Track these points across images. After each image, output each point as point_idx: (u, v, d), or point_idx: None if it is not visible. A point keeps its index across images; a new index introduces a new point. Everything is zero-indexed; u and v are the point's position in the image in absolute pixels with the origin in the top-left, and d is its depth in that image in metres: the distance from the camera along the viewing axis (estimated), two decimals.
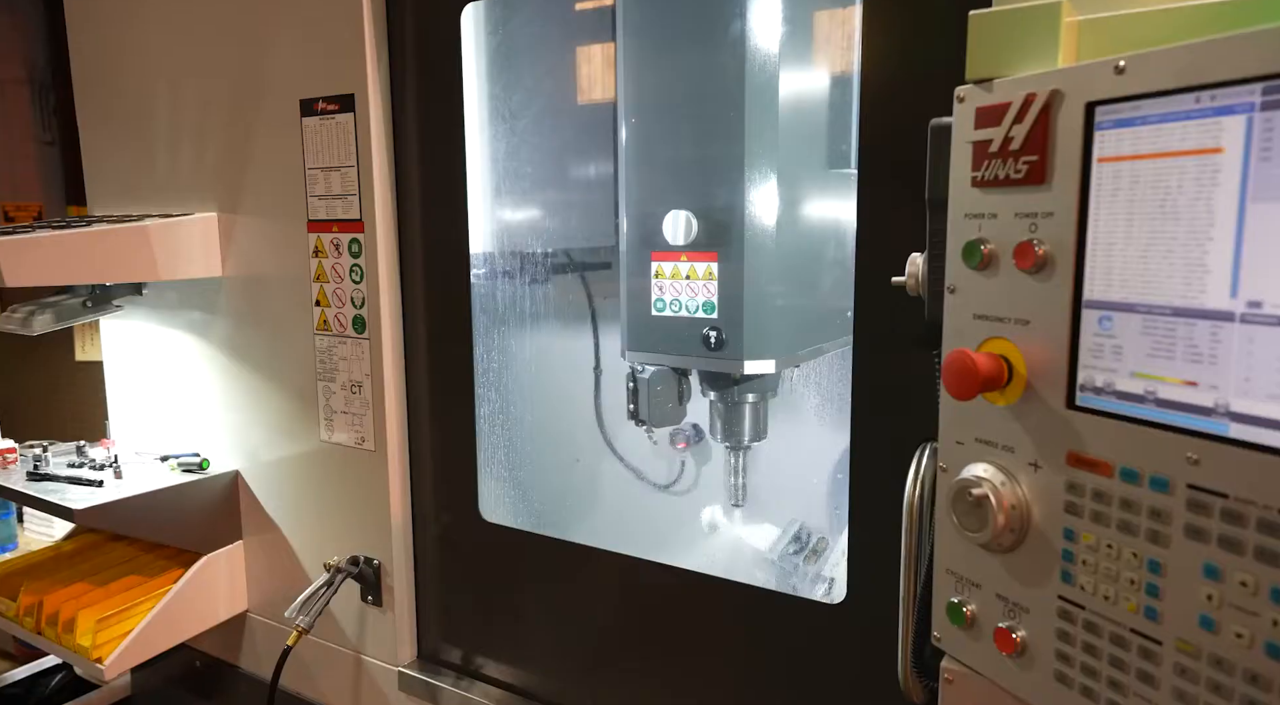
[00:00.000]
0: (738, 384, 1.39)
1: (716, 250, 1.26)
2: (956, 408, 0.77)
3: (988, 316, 0.73)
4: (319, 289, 1.50)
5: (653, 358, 1.36)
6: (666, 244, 1.28)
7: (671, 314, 1.31)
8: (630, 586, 1.35)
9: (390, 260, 1.45)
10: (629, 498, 1.86)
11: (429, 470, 1.53)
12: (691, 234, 1.26)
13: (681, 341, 1.31)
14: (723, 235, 1.25)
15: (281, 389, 1.60)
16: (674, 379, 1.45)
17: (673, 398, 1.47)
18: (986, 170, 0.72)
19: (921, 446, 1.05)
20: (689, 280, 1.29)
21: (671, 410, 1.48)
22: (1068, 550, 0.68)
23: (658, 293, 1.32)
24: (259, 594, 1.73)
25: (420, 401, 1.51)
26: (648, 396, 1.44)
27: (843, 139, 1.39)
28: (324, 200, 1.46)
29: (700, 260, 1.28)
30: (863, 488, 1.10)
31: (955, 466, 0.77)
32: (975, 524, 0.73)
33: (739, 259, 1.24)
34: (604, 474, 1.89)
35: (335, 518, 1.58)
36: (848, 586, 1.13)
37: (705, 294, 1.28)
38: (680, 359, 1.33)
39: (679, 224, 1.27)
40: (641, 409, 1.45)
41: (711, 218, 1.26)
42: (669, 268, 1.31)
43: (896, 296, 1.03)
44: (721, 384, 1.40)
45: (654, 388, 1.44)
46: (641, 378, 1.44)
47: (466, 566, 1.52)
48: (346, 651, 1.62)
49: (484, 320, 1.67)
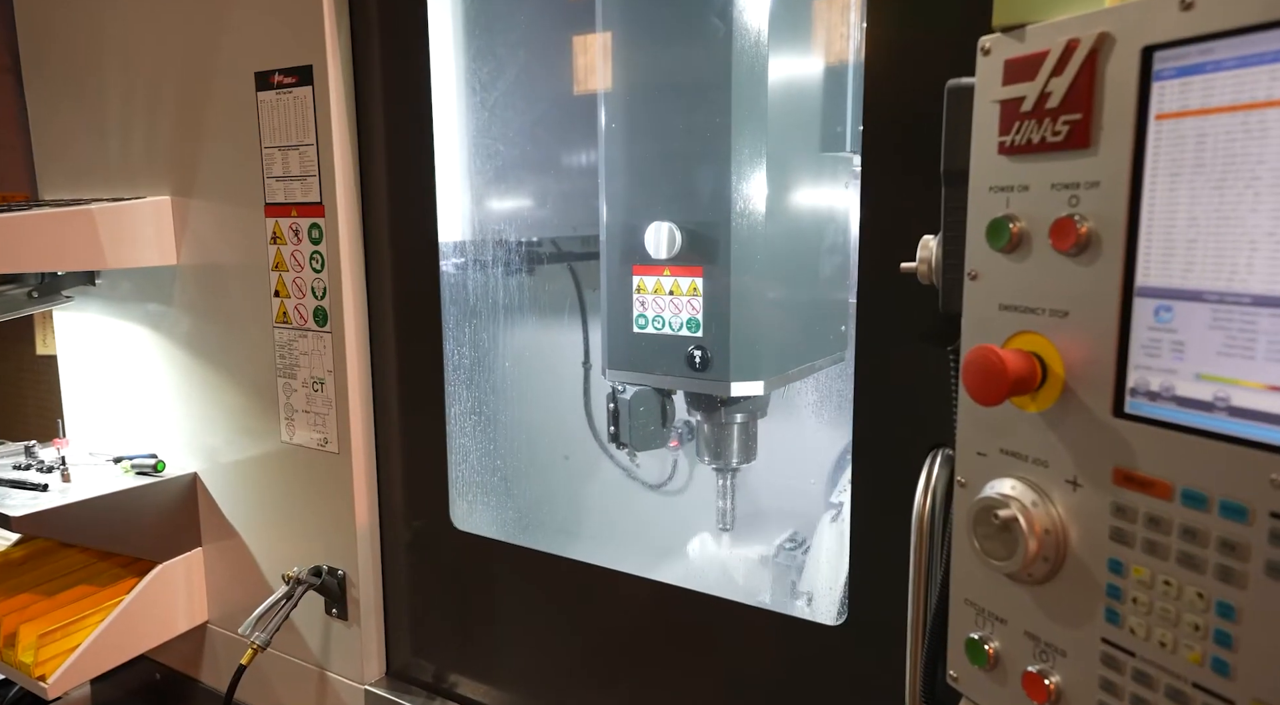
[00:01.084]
0: (724, 405, 1.29)
1: (701, 265, 1.15)
2: (978, 414, 0.66)
3: (1017, 307, 0.62)
4: (278, 278, 1.39)
5: (634, 377, 1.25)
6: (649, 257, 1.17)
7: (654, 331, 1.21)
8: (613, 601, 1.24)
9: (354, 247, 1.33)
10: (619, 498, 1.77)
11: (398, 475, 1.42)
12: (675, 247, 1.16)
13: (664, 361, 1.21)
14: (708, 248, 1.15)
15: (240, 386, 1.49)
16: (657, 400, 1.35)
17: (655, 420, 1.37)
18: (1018, 134, 0.61)
19: (932, 453, 0.95)
20: (672, 296, 1.19)
21: (654, 433, 1.37)
22: (1114, 585, 0.57)
23: (639, 308, 1.22)
24: (220, 605, 1.62)
25: (388, 400, 1.40)
26: (629, 418, 1.34)
27: (837, 120, 1.28)
28: (282, 182, 1.35)
29: (684, 275, 1.17)
30: (865, 498, 1.00)
31: (976, 482, 0.66)
32: (1001, 550, 0.62)
33: (725, 274, 1.15)
34: (593, 473, 1.80)
35: (298, 525, 1.47)
36: (849, 606, 1.02)
37: (689, 311, 1.18)
38: (663, 379, 1.23)
39: (661, 236, 1.16)
40: (623, 431, 1.35)
41: (696, 230, 1.15)
42: (651, 282, 1.20)
43: (905, 285, 0.92)
44: (707, 405, 1.30)
45: (636, 409, 1.34)
46: (623, 398, 1.33)
47: (439, 578, 1.42)
48: (310, 667, 1.51)
49: (460, 313, 1.57)
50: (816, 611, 1.31)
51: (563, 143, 1.71)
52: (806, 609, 1.36)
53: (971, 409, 0.66)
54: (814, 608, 1.36)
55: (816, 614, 1.31)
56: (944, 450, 0.92)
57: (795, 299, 1.23)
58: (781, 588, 1.54)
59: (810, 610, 1.38)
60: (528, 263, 1.80)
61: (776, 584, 1.54)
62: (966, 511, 0.65)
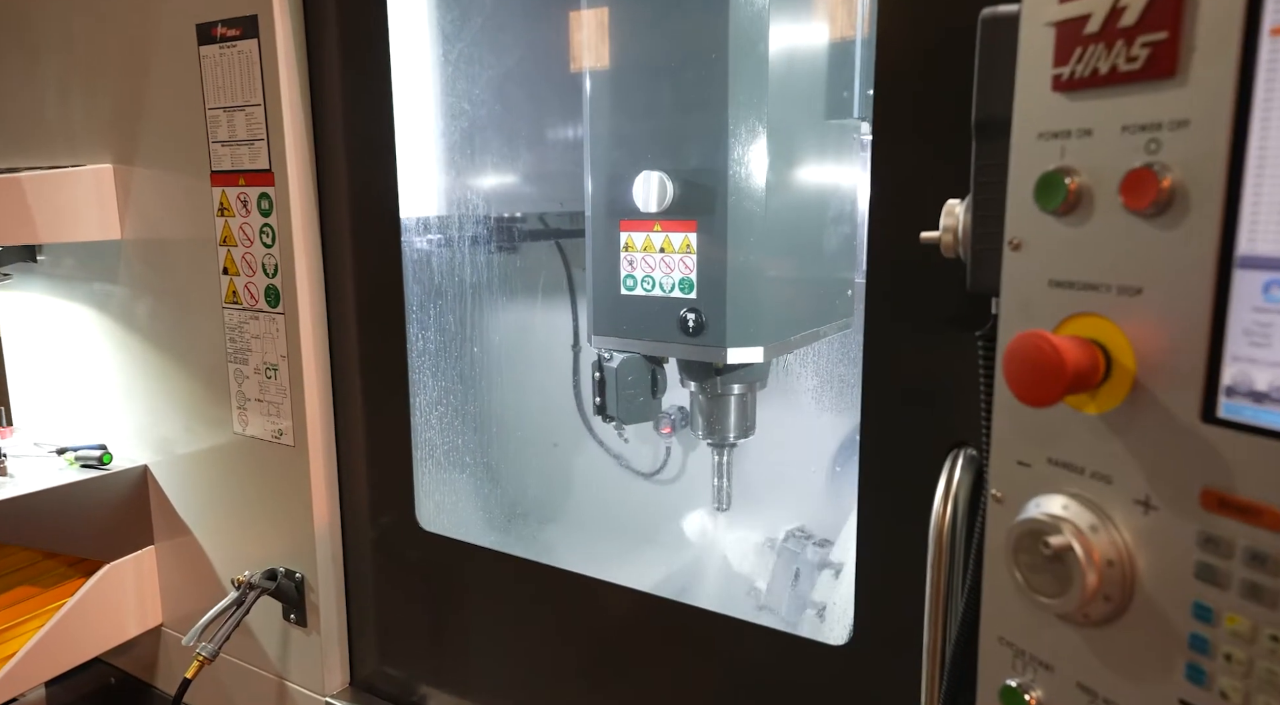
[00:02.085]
0: (720, 374, 1.17)
1: (695, 218, 1.03)
2: (1020, 415, 0.54)
3: (1073, 283, 0.50)
4: (226, 254, 1.26)
5: (622, 344, 1.13)
6: (637, 211, 1.04)
7: (643, 293, 1.09)
8: (595, 613, 1.12)
9: (307, 219, 1.21)
10: (609, 487, 1.68)
11: (361, 471, 1.30)
12: (666, 199, 1.03)
13: (654, 325, 1.09)
14: (702, 200, 1.03)
15: (190, 372, 1.37)
16: (646, 369, 1.23)
17: (645, 390, 1.25)
18: (1079, 63, 0.48)
19: (952, 454, 0.83)
20: (663, 254, 1.06)
21: (643, 405, 1.26)
22: (1200, 636, 0.45)
23: (627, 268, 1.09)
24: (175, 606, 1.51)
25: (349, 389, 1.28)
26: (616, 389, 1.22)
27: (844, 84, 1.16)
28: (228, 147, 1.22)
29: (676, 230, 1.05)
30: (874, 504, 0.88)
31: (1016, 497, 0.54)
32: (1051, 585, 0.50)
33: (721, 228, 1.02)
34: (583, 461, 1.72)
35: (253, 524, 1.35)
36: (854, 624, 0.90)
37: (682, 269, 1.06)
38: (653, 346, 1.10)
39: (651, 187, 1.03)
40: (609, 403, 1.23)
41: (689, 179, 1.03)
42: (640, 239, 1.08)
43: (923, 259, 0.80)
44: (702, 374, 1.18)
45: (623, 379, 1.22)
46: (609, 367, 1.21)
47: (406, 582, 1.30)
48: (268, 676, 1.40)
49: (432, 294, 1.45)
50: (828, 628, 1.20)
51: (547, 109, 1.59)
52: (813, 617, 1.25)
53: (1011, 408, 0.54)
54: (826, 621, 1.25)
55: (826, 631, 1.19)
56: (966, 450, 0.80)
57: (799, 257, 1.11)
58: (783, 578, 1.44)
59: (820, 619, 1.27)
60: (511, 240, 1.69)
61: (779, 572, 1.44)
62: (1005, 534, 0.53)
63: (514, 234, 1.70)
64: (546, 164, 1.68)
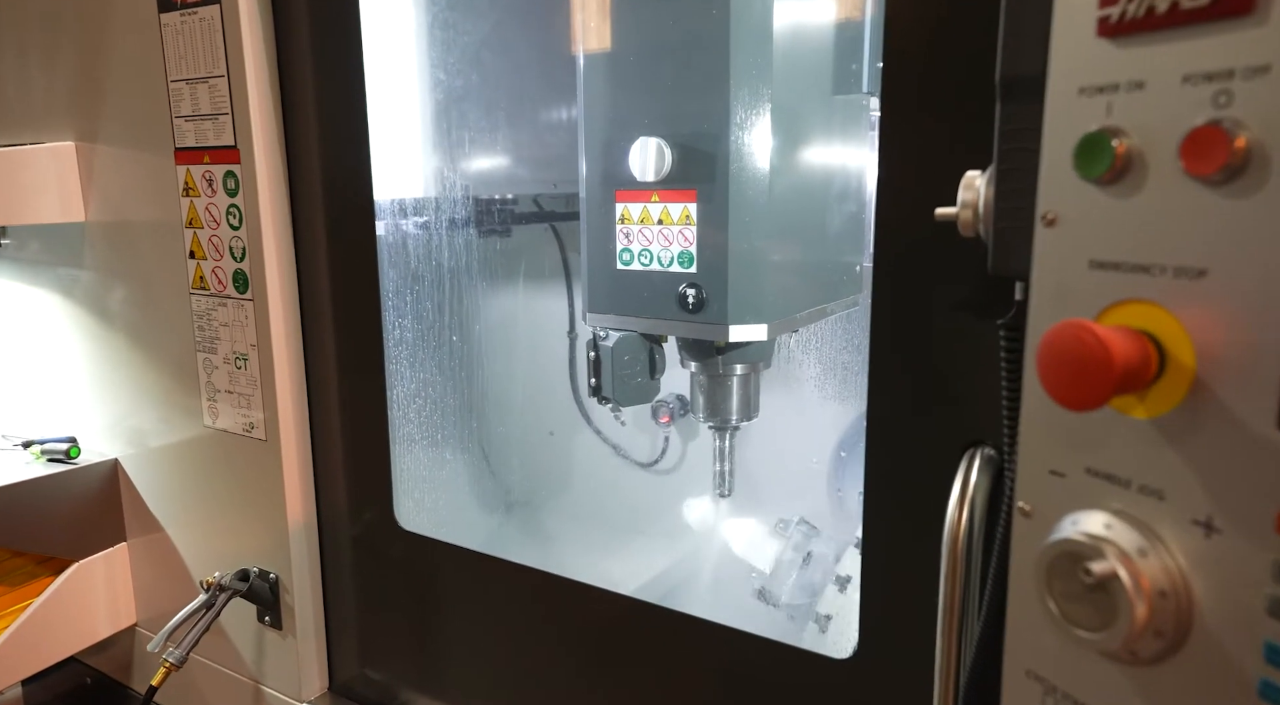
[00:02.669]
0: (722, 353, 1.10)
1: (695, 187, 0.97)
2: (1053, 417, 0.47)
3: (1119, 264, 0.43)
4: (192, 237, 1.19)
5: (618, 322, 1.06)
6: (634, 180, 0.97)
7: (640, 268, 1.02)
8: (583, 617, 1.06)
9: (276, 199, 1.13)
10: (607, 477, 1.63)
11: (338, 467, 1.23)
12: (664, 167, 0.96)
13: (653, 302, 1.02)
14: (703, 168, 0.96)
15: (159, 362, 1.30)
16: (644, 348, 1.16)
17: (643, 370, 1.18)
18: (1131, 1, 0.41)
19: (969, 453, 0.76)
20: (661, 225, 1.00)
21: (641, 386, 1.19)
22: (1273, 684, 0.38)
23: (624, 241, 1.03)
24: (149, 606, 1.45)
25: (324, 380, 1.21)
26: (612, 369, 1.15)
27: (853, 56, 1.08)
28: (192, 122, 1.14)
29: (675, 200, 0.98)
30: (882, 507, 0.81)
31: (1049, 511, 0.47)
32: (1092, 617, 0.43)
33: (723, 198, 0.95)
34: (580, 451, 1.67)
35: (226, 522, 1.28)
36: (859, 637, 0.84)
37: (681, 242, 0.99)
38: (651, 323, 1.04)
39: (648, 154, 0.96)
40: (605, 384, 1.16)
41: (688, 146, 0.95)
42: (637, 210, 1.01)
43: (937, 239, 0.73)
44: (703, 353, 1.12)
45: (620, 358, 1.15)
46: (604, 346, 1.14)
47: (387, 583, 1.23)
48: (243, 680, 1.33)
49: (415, 280, 1.39)
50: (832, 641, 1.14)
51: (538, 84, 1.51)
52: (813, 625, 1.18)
53: (1043, 410, 0.47)
54: (829, 633, 1.19)
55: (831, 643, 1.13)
56: (984, 450, 0.73)
57: (806, 230, 1.04)
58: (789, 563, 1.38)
59: (822, 630, 1.21)
60: (503, 223, 1.63)
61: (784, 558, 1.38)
62: (1037, 556, 0.46)
63: (506, 216, 1.64)
64: (539, 143, 1.61)
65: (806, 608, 1.29)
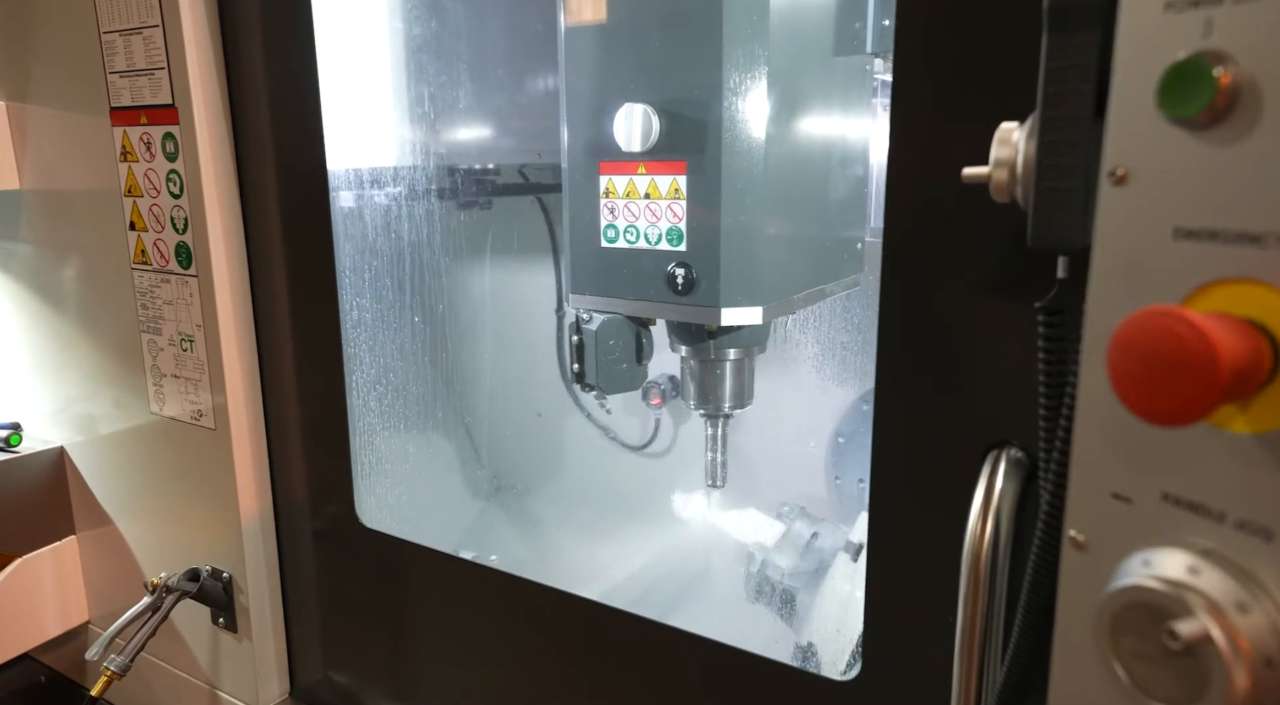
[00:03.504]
0: (714, 337, 1.01)
1: (685, 158, 0.87)
2: (1120, 426, 0.37)
3: (1218, 233, 0.33)
4: (132, 206, 1.08)
5: (602, 303, 0.98)
6: (619, 150, 0.87)
7: (626, 245, 0.93)
8: (559, 625, 0.97)
9: (219, 164, 1.02)
10: (596, 460, 1.56)
11: (297, 458, 1.13)
12: (651, 135, 0.87)
13: (639, 282, 0.93)
14: (693, 137, 0.86)
15: (102, 343, 1.20)
16: (630, 331, 1.07)
17: (629, 356, 1.09)
18: None
19: (992, 455, 0.66)
20: (649, 200, 0.90)
21: (627, 372, 1.09)
22: None
23: (608, 217, 0.93)
24: (102, 602, 1.36)
25: (279, 364, 1.11)
26: (596, 354, 1.05)
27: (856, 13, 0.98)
28: (127, 78, 1.03)
29: (663, 172, 0.89)
30: (890, 515, 0.71)
31: (1109, 545, 0.37)
32: (1174, 687, 0.33)
33: (715, 170, 0.86)
34: (569, 433, 1.60)
35: (175, 517, 1.19)
36: (863, 657, 0.74)
37: (670, 218, 0.90)
38: (637, 305, 0.95)
39: (634, 122, 0.87)
40: (588, 370, 1.07)
41: (677, 112, 0.86)
42: (622, 183, 0.92)
43: (958, 207, 0.63)
44: (694, 337, 1.03)
45: (604, 343, 1.06)
46: (588, 329, 1.05)
47: (352, 583, 1.14)
48: (198, 684, 1.25)
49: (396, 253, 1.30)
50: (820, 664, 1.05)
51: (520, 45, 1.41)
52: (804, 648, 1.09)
53: (1105, 417, 0.37)
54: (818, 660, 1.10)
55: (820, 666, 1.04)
56: (1009, 451, 0.63)
57: (804, 205, 0.95)
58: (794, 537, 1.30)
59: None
60: (483, 194, 1.53)
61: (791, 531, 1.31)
62: (1099, 604, 0.36)
63: (487, 188, 1.54)
64: (522, 109, 1.51)
65: (811, 577, 1.20)
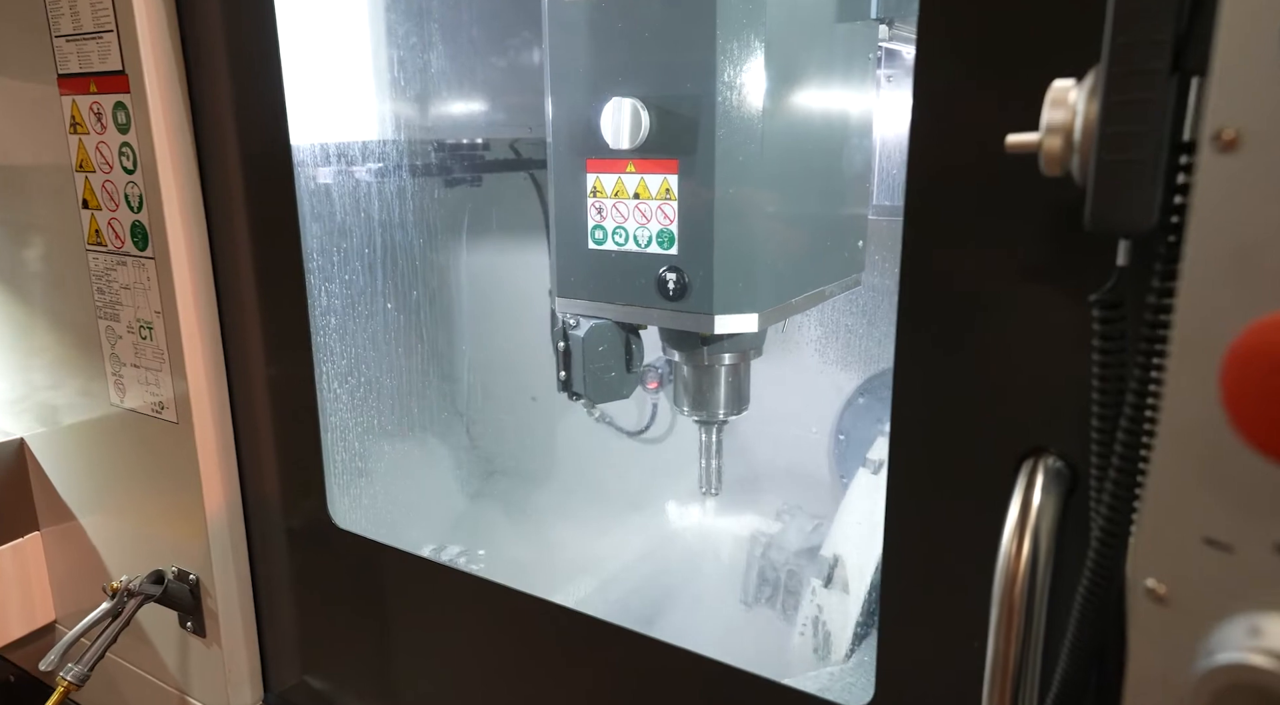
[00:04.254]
0: (708, 344, 0.94)
1: (676, 157, 0.81)
2: (1220, 454, 0.29)
3: None
4: (84, 182, 1.00)
5: (590, 308, 0.91)
6: (606, 148, 0.81)
7: (615, 248, 0.87)
8: (544, 634, 0.90)
9: (175, 136, 0.94)
10: (591, 446, 1.51)
11: (268, 453, 1.06)
12: (640, 132, 0.80)
13: (628, 287, 0.87)
14: (684, 133, 0.80)
15: (59, 329, 1.12)
16: (620, 337, 1.01)
17: (618, 363, 1.03)
18: None
19: (1027, 465, 0.59)
20: (638, 200, 0.84)
21: (616, 380, 1.04)
22: None
23: (596, 218, 0.87)
24: (68, 600, 1.29)
25: (246, 354, 1.03)
26: (583, 362, 0.99)
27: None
28: (75, 43, 0.95)
29: (653, 171, 0.83)
30: (906, 530, 0.64)
31: (1201, 601, 0.30)
32: None
33: (707, 168, 0.80)
34: (563, 418, 1.55)
35: (140, 516, 1.12)
36: (876, 685, 0.68)
37: (661, 219, 0.84)
38: (627, 311, 0.89)
39: (622, 118, 0.80)
40: (575, 378, 1.01)
41: (668, 108, 0.80)
42: (610, 182, 0.85)
43: (993, 181, 0.55)
44: (686, 343, 0.96)
45: (592, 350, 1.00)
46: (575, 335, 0.99)
47: (328, 585, 1.07)
48: (168, 689, 1.18)
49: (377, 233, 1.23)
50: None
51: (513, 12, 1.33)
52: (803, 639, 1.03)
53: (1201, 440, 0.30)
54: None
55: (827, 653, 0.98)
56: (1047, 460, 0.56)
57: (802, 203, 0.89)
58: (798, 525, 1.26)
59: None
60: (472, 170, 1.46)
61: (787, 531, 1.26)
62: (1194, 681, 0.29)
63: (475, 163, 1.47)
64: (512, 81, 1.44)
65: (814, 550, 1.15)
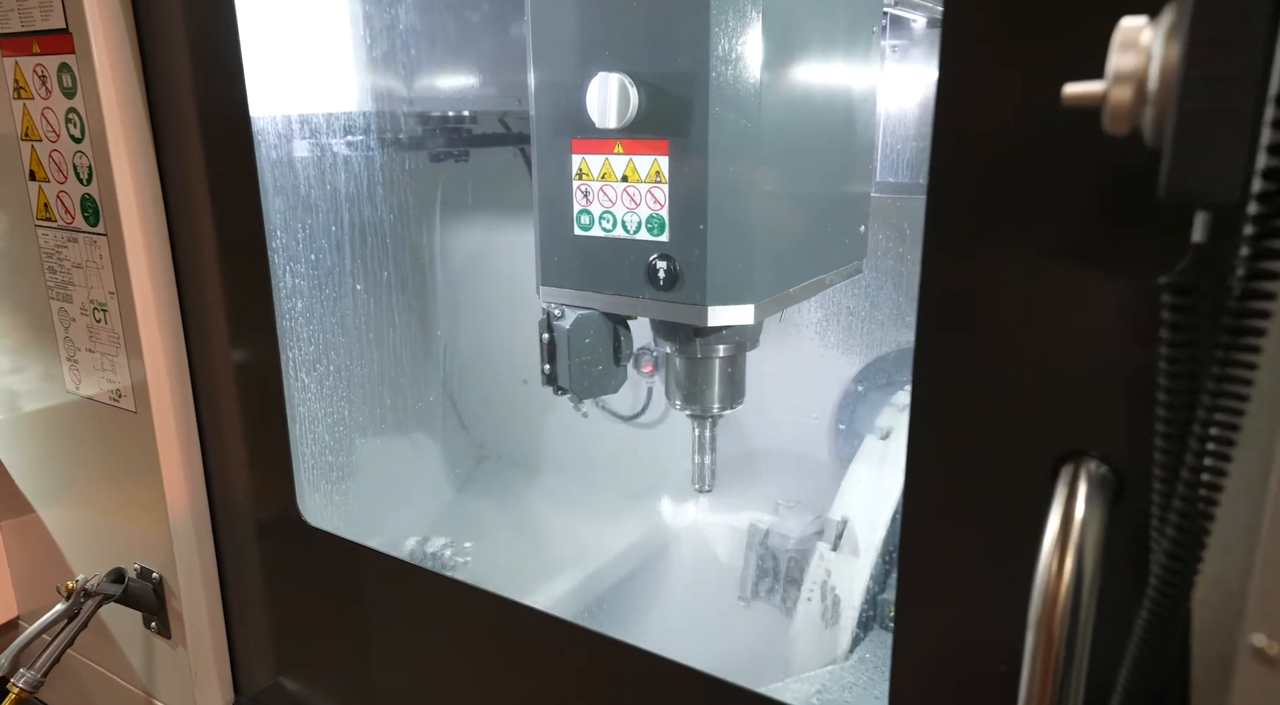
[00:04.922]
0: (701, 336, 0.88)
1: (667, 136, 0.76)
2: None
3: None
4: (31, 152, 0.93)
5: (575, 298, 0.86)
6: (593, 127, 0.76)
7: (602, 234, 0.82)
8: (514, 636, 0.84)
9: (126, 101, 0.87)
10: (584, 430, 1.46)
11: (236, 444, 0.99)
12: (629, 110, 0.74)
13: (616, 276, 0.82)
14: (676, 111, 0.75)
15: (11, 312, 1.05)
16: (607, 329, 0.94)
17: (605, 356, 0.96)
18: None
19: (1066, 470, 0.52)
20: (627, 183, 0.79)
21: (603, 374, 0.97)
22: None
23: (581, 202, 0.81)
24: (30, 596, 1.23)
25: (210, 339, 0.96)
26: (569, 355, 0.92)
27: None
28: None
29: (642, 152, 0.78)
30: (925, 543, 0.57)
31: None
32: None
33: (700, 149, 0.75)
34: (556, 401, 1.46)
35: (100, 509, 1.05)
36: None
37: (651, 204, 0.79)
38: (614, 301, 0.83)
39: (609, 95, 0.75)
40: (560, 372, 0.94)
41: (658, 85, 0.75)
42: (596, 163, 0.80)
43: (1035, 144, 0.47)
44: (678, 335, 0.90)
45: (578, 342, 0.93)
46: (560, 326, 0.92)
47: (298, 584, 1.01)
48: (134, 691, 1.12)
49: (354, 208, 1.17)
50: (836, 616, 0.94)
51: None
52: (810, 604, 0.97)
53: None
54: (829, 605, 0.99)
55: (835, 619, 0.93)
56: (1089, 464, 0.49)
57: (801, 187, 0.83)
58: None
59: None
60: (457, 144, 1.39)
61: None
62: None
63: (462, 137, 1.39)
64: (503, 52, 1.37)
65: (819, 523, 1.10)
